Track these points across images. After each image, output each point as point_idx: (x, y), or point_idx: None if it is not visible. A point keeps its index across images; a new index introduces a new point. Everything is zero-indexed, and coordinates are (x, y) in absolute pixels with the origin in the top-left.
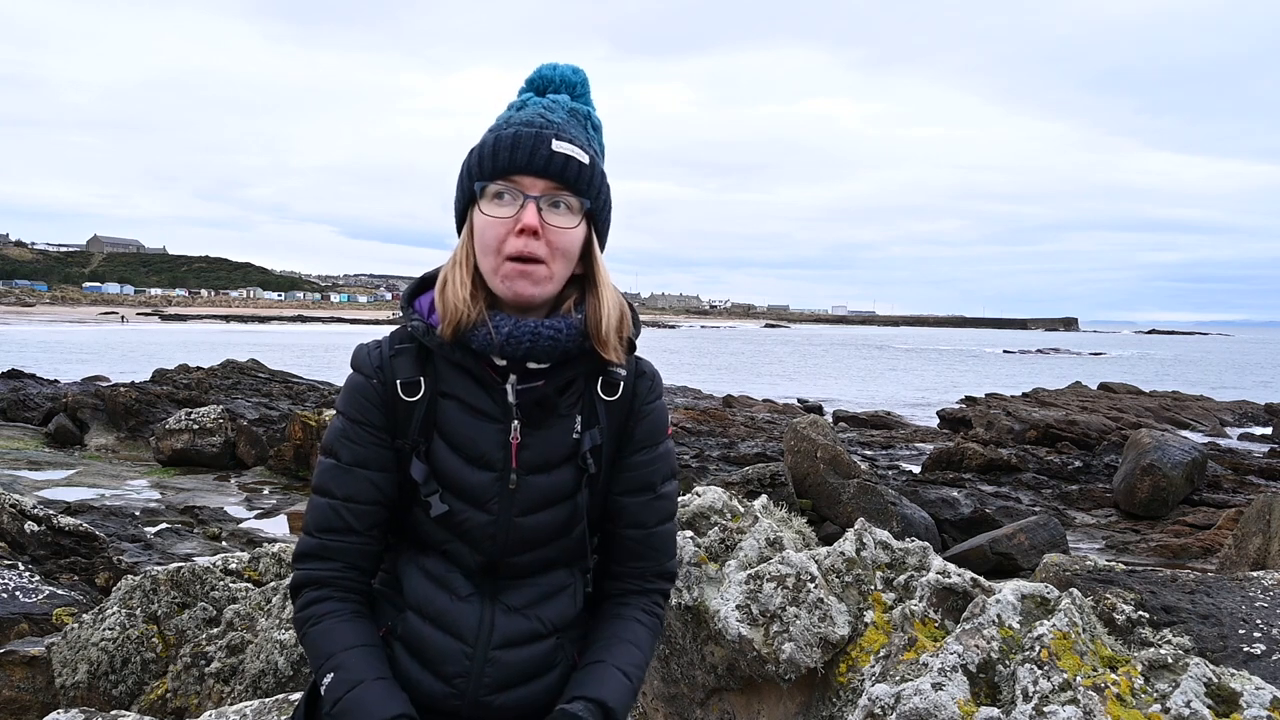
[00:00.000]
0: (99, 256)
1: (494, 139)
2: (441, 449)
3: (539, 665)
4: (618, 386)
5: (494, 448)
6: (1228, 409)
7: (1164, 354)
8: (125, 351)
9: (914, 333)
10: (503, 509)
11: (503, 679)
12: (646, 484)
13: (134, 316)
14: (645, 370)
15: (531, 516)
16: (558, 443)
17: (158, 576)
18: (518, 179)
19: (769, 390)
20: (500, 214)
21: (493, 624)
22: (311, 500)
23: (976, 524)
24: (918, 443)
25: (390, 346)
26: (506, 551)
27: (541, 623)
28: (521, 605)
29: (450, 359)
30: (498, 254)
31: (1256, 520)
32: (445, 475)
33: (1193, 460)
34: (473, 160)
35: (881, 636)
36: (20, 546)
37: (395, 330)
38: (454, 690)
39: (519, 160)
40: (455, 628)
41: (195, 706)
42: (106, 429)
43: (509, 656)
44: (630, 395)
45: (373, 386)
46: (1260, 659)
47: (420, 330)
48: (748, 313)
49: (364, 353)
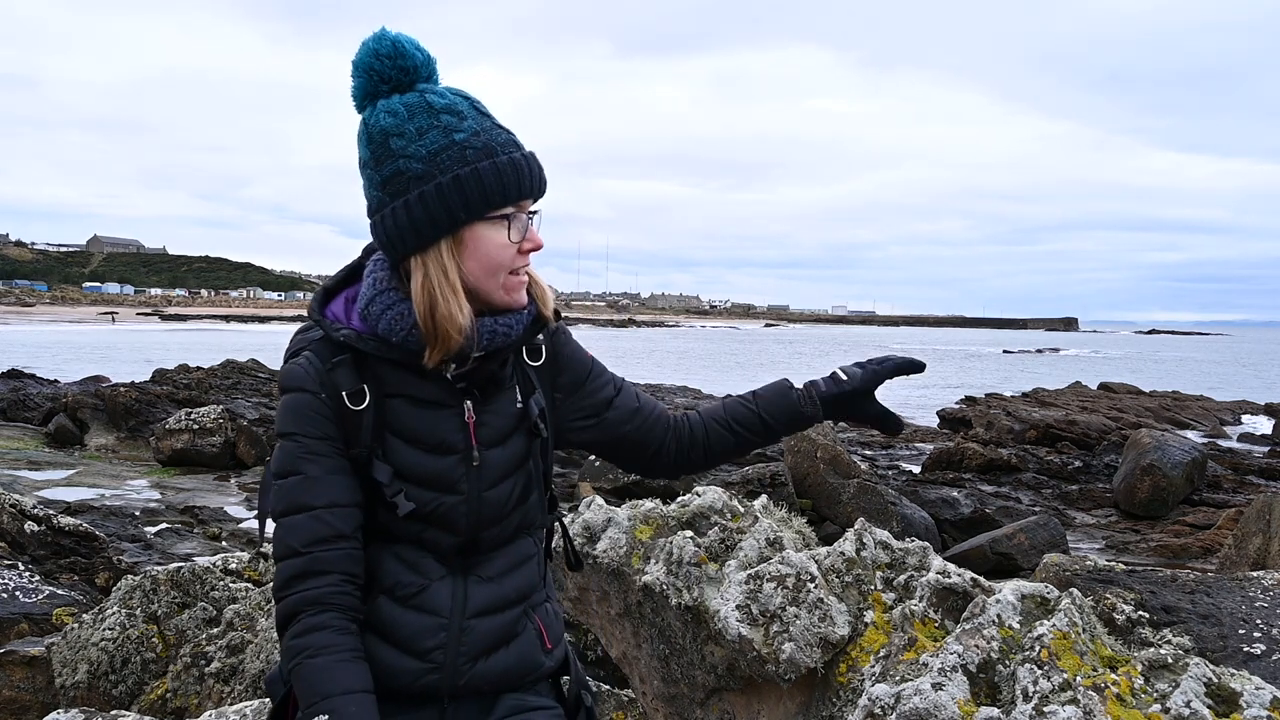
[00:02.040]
0: (99, 256)
1: (494, 168)
2: (399, 446)
3: (508, 633)
4: (540, 351)
5: (452, 431)
6: (1228, 409)
7: (1164, 354)
8: (125, 351)
9: (914, 333)
10: (471, 487)
11: (478, 646)
12: (604, 400)
13: (133, 316)
14: (553, 327)
15: (495, 489)
16: (506, 414)
17: (158, 576)
18: (523, 202)
19: None
20: (515, 237)
21: (466, 594)
22: (283, 524)
23: (976, 524)
24: (918, 443)
25: (324, 361)
26: (479, 526)
27: (510, 590)
28: (493, 575)
29: (388, 359)
30: (506, 271)
31: (1256, 520)
32: (408, 470)
33: (1193, 460)
34: (469, 189)
35: (881, 636)
36: (20, 546)
37: (314, 344)
38: (431, 664)
39: (527, 188)
40: (430, 605)
41: (195, 706)
42: (106, 429)
43: (483, 625)
44: (552, 353)
45: (321, 401)
46: (1260, 659)
47: (352, 338)
48: (747, 313)
49: (300, 370)
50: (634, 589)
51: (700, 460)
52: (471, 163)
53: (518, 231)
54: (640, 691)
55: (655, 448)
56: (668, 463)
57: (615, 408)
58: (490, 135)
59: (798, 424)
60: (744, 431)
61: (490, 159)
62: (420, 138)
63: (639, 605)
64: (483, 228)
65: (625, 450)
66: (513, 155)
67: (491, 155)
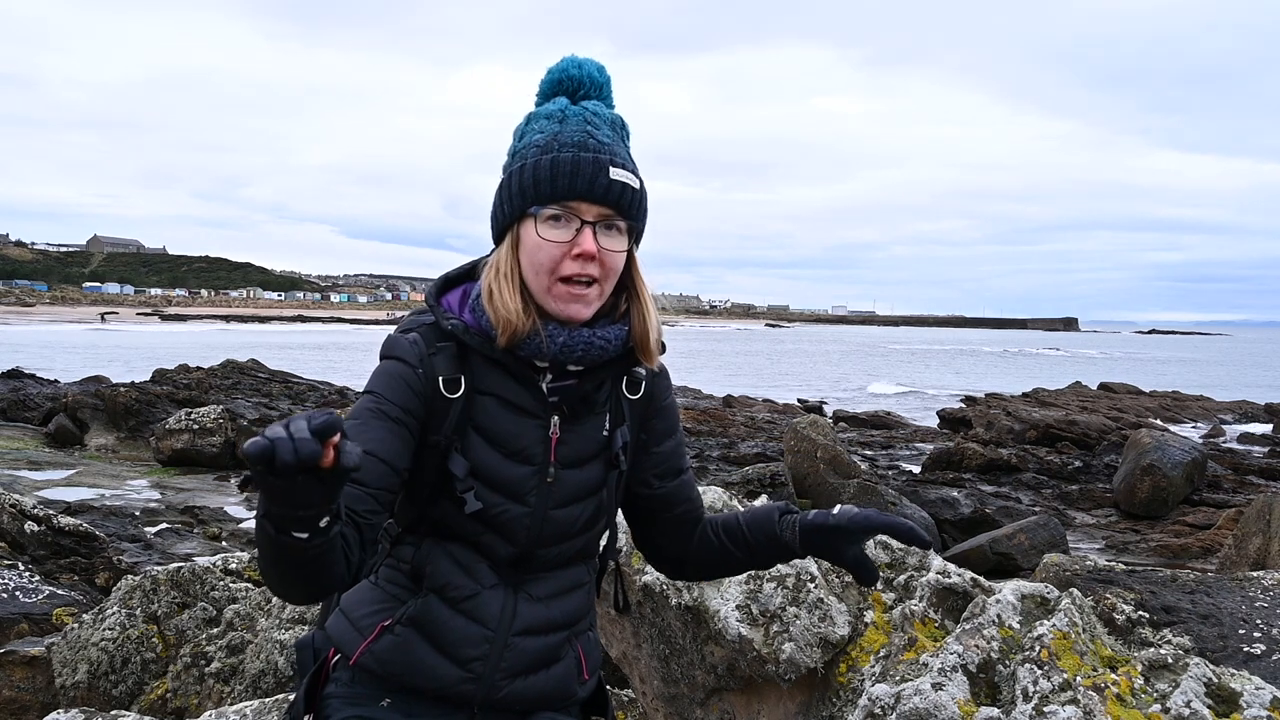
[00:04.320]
0: (99, 256)
1: (551, 162)
2: (478, 444)
3: (549, 656)
4: (640, 385)
5: (534, 442)
6: (1228, 409)
7: (1164, 354)
8: (125, 352)
9: (914, 333)
10: (539, 502)
11: (518, 665)
12: (677, 469)
13: (133, 316)
14: (660, 368)
15: (564, 510)
16: (590, 439)
17: (158, 576)
18: (575, 204)
19: (769, 390)
20: (558, 238)
21: (515, 611)
22: None
23: (976, 524)
24: (918, 443)
25: (429, 344)
26: (539, 543)
27: (559, 614)
28: (543, 596)
29: (489, 357)
30: (550, 274)
31: (1256, 520)
32: (482, 470)
33: (1193, 460)
34: (526, 179)
35: (881, 636)
36: (20, 546)
37: (423, 328)
38: (470, 674)
39: (580, 188)
40: (478, 613)
41: (195, 706)
42: (106, 429)
43: (526, 644)
44: (650, 393)
45: (416, 376)
46: (1260, 659)
47: (460, 329)
48: (747, 313)
49: (405, 343)
50: (634, 589)
51: (694, 570)
52: (534, 157)
53: (561, 232)
54: (640, 691)
55: (684, 541)
56: (677, 558)
57: (683, 482)
58: (570, 136)
59: (775, 547)
60: (728, 543)
61: (549, 154)
62: (521, 138)
63: (639, 605)
64: (538, 224)
65: (665, 528)
66: (576, 154)
67: (551, 151)
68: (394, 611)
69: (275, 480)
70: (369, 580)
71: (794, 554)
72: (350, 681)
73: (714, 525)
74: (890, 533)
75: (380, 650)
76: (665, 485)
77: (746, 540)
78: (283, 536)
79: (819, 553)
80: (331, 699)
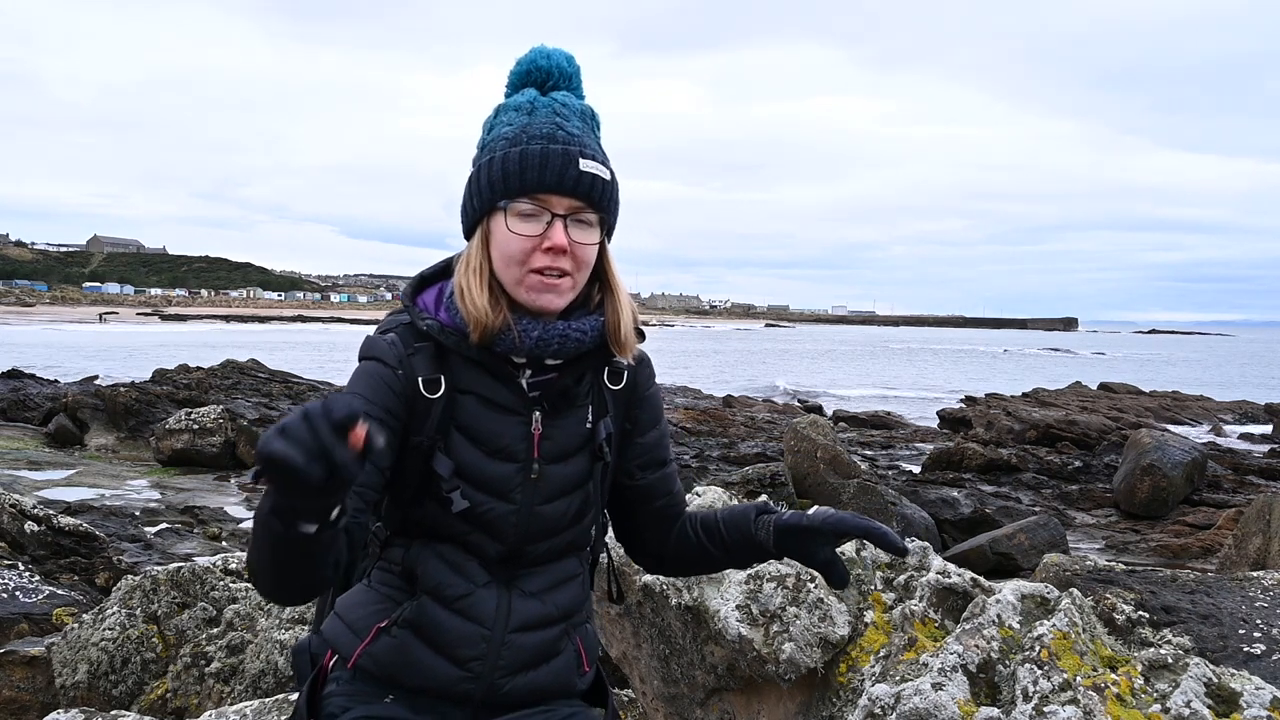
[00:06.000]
0: (99, 256)
1: (520, 155)
2: (461, 443)
3: (547, 650)
4: (622, 376)
5: (516, 439)
6: (1228, 409)
7: (1164, 354)
8: (125, 352)
9: (914, 333)
10: (525, 498)
11: (516, 662)
12: (660, 460)
13: (134, 316)
14: (642, 358)
15: (550, 505)
16: (573, 433)
17: (158, 576)
18: (545, 197)
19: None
20: (528, 232)
21: (510, 608)
22: None
23: (976, 524)
24: (918, 443)
25: (406, 345)
26: (527, 540)
27: (554, 608)
28: (537, 590)
29: (467, 355)
30: (521, 266)
31: (1256, 520)
32: (466, 469)
33: (1193, 460)
34: (495, 173)
35: (881, 636)
36: (20, 546)
37: (400, 328)
38: (469, 674)
39: (549, 180)
40: (473, 612)
41: (195, 706)
42: (106, 429)
43: (523, 640)
44: (633, 383)
45: (396, 377)
46: (1260, 659)
47: (436, 329)
48: (747, 313)
49: (384, 344)
50: (634, 589)
51: (673, 566)
52: (502, 150)
53: (532, 226)
54: (640, 691)
55: (664, 536)
56: (656, 553)
57: (665, 475)
58: (539, 128)
59: (750, 547)
60: (706, 540)
61: (518, 147)
62: (490, 131)
63: (639, 605)
64: (508, 218)
65: (644, 521)
66: (545, 146)
67: (520, 144)
68: (389, 613)
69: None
70: (362, 583)
71: (769, 554)
72: (351, 680)
73: (693, 522)
74: (864, 536)
75: (378, 652)
76: (647, 477)
77: (723, 539)
78: (290, 531)
79: (792, 554)
80: (333, 697)
